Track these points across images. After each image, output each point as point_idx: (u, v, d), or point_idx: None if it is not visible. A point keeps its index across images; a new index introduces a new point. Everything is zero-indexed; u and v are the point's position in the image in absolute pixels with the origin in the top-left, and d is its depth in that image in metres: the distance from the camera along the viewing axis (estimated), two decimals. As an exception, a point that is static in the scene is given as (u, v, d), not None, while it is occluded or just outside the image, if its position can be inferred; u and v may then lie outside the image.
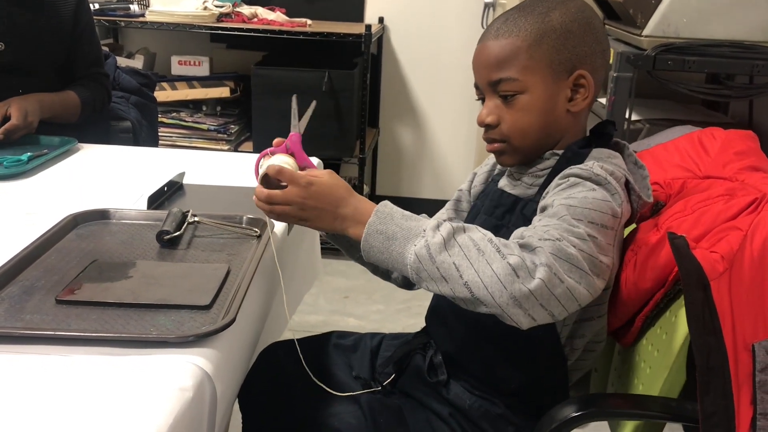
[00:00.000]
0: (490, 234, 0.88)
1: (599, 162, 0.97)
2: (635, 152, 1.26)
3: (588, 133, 1.08)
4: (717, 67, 2.07)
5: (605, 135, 1.06)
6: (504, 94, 1.01)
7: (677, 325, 0.95)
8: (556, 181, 0.96)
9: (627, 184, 0.98)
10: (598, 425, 1.10)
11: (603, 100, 2.38)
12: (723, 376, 0.82)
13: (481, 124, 1.04)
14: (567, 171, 0.96)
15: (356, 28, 2.86)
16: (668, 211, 1.04)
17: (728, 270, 0.85)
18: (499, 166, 1.14)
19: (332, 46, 2.97)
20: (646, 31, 2.06)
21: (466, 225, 0.89)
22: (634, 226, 1.07)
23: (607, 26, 2.47)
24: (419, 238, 0.88)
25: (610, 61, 2.08)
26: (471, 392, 1.06)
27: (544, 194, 0.98)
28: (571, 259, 0.85)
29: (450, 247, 0.86)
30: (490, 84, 1.02)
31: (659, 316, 1.00)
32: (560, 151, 1.03)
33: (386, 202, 0.95)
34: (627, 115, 2.07)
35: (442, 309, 1.11)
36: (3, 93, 1.70)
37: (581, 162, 0.99)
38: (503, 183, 1.10)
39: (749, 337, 0.82)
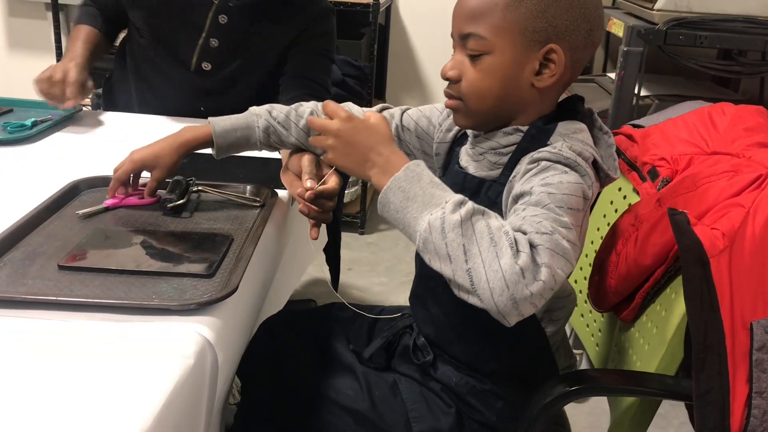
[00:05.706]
0: (507, 225, 0.85)
1: (567, 141, 0.94)
2: (644, 127, 1.25)
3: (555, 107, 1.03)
4: (729, 43, 2.05)
5: (573, 111, 1.01)
6: (471, 54, 0.98)
7: (676, 302, 0.94)
8: (525, 166, 0.93)
9: (595, 162, 0.96)
10: (599, 399, 1.10)
11: (612, 75, 2.35)
12: (719, 353, 0.82)
13: (443, 76, 1.01)
14: (536, 155, 0.93)
15: (364, -2, 2.83)
16: (673, 186, 1.03)
17: (729, 247, 0.84)
18: (456, 130, 1.11)
19: (339, 16, 2.91)
20: (658, 5, 2.03)
21: (485, 210, 0.86)
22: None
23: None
24: (438, 208, 0.86)
25: (620, 34, 2.06)
26: (457, 371, 1.07)
27: (511, 178, 0.95)
28: (566, 254, 0.84)
29: (465, 228, 0.83)
30: (461, 37, 0.99)
31: (659, 293, 1.00)
32: (525, 128, 0.99)
33: (419, 162, 0.91)
34: (636, 91, 2.05)
35: (421, 294, 1.10)
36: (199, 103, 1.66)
37: (547, 138, 0.96)
38: (465, 161, 1.06)
39: (748, 315, 0.82)
